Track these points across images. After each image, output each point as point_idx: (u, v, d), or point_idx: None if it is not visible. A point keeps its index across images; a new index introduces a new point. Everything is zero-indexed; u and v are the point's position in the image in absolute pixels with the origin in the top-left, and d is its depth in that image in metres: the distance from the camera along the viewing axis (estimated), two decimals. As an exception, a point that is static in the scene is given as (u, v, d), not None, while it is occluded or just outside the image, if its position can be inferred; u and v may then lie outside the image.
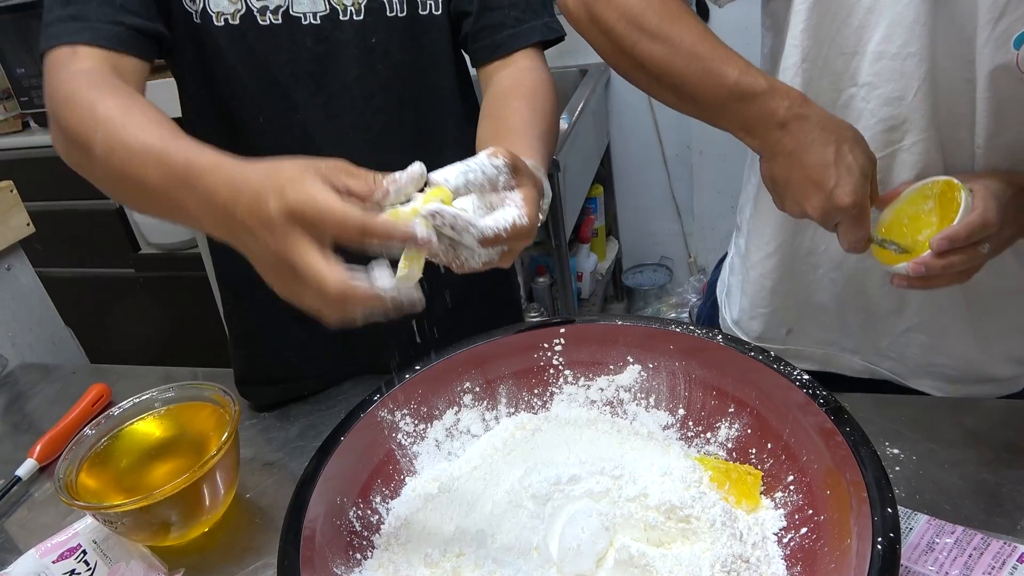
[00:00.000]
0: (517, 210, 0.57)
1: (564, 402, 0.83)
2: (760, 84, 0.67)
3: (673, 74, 0.70)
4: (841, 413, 0.64)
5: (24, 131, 2.65)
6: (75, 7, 0.77)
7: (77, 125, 0.69)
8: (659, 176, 2.62)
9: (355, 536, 0.70)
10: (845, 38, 0.70)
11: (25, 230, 1.32)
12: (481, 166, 0.57)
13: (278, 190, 0.52)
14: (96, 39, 0.76)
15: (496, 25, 0.89)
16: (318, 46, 0.86)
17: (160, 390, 0.87)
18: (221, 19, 0.83)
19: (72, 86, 0.72)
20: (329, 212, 0.51)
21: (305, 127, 0.89)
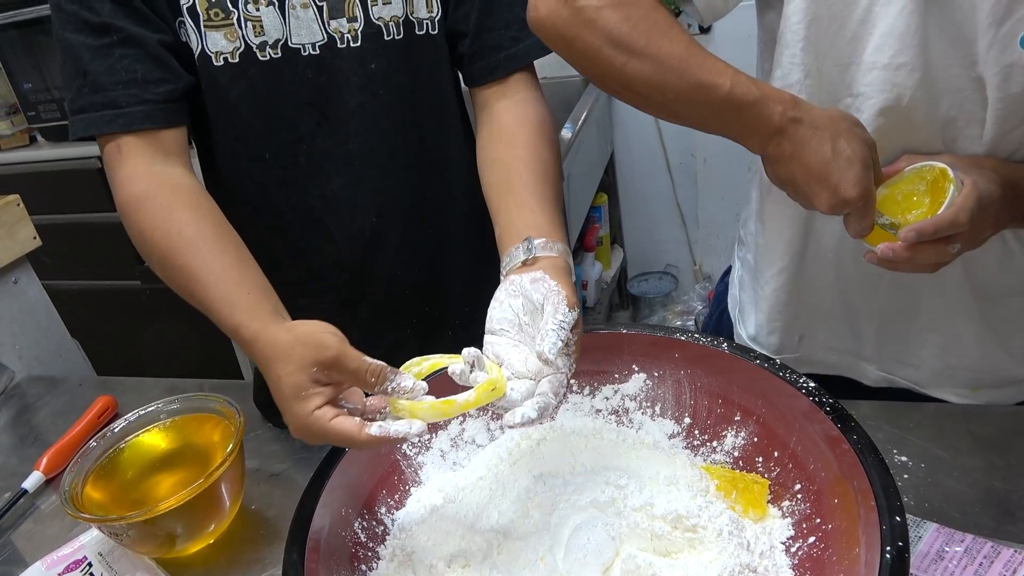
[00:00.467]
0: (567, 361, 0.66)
1: (569, 411, 0.83)
2: (752, 92, 0.67)
3: (665, 91, 0.70)
4: (848, 420, 0.63)
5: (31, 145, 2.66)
6: (103, 95, 0.79)
7: (136, 242, 0.80)
8: (663, 184, 2.62)
9: (360, 547, 0.69)
10: (839, 50, 0.71)
11: (32, 243, 1.33)
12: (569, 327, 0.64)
13: (285, 415, 0.64)
14: (130, 125, 0.80)
15: (493, 47, 0.89)
16: (319, 76, 0.86)
17: (165, 402, 0.87)
18: (220, 58, 0.83)
19: (123, 198, 0.80)
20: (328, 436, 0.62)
21: (312, 157, 0.89)
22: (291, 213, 0.92)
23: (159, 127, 0.81)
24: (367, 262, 0.95)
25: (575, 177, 2.03)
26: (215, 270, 0.74)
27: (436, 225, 0.99)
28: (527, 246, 0.71)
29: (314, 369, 0.62)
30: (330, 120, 0.88)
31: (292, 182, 0.90)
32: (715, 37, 2.28)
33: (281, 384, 0.63)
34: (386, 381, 0.62)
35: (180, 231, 0.76)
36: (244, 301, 0.71)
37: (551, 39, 0.76)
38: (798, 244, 0.87)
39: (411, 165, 0.94)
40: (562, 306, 0.64)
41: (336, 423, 0.61)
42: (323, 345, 0.62)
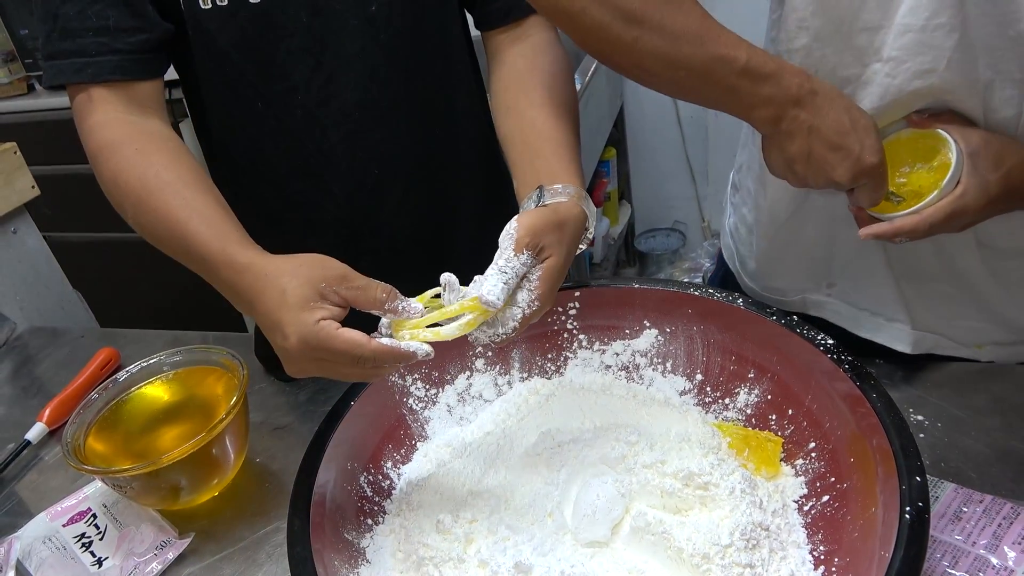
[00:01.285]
0: (528, 295, 0.63)
1: (578, 367, 0.81)
2: (770, 65, 0.66)
3: (678, 66, 0.68)
4: (868, 379, 0.62)
5: (29, 94, 2.62)
6: (73, 41, 0.76)
7: (107, 189, 0.76)
8: (674, 138, 2.57)
9: (366, 501, 0.69)
10: (870, 12, 0.68)
11: (30, 193, 1.30)
12: (515, 271, 0.62)
13: (286, 327, 0.60)
14: (99, 75, 0.76)
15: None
16: (314, 19, 0.81)
17: (168, 354, 0.86)
18: (208, 2, 0.78)
19: (94, 145, 0.76)
20: (335, 344, 0.58)
21: (307, 108, 0.85)
22: (287, 166, 0.88)
23: (131, 78, 0.78)
24: (368, 217, 0.92)
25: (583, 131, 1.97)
26: (198, 208, 0.70)
27: (441, 179, 0.95)
28: (538, 194, 0.69)
29: (322, 284, 0.60)
30: (326, 67, 0.83)
31: (287, 133, 0.86)
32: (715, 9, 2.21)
33: (286, 296, 0.60)
34: (397, 299, 0.61)
35: (157, 174, 0.73)
36: (235, 235, 0.69)
37: (552, 12, 0.71)
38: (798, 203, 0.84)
39: (414, 115, 0.89)
40: (508, 249, 0.62)
41: (344, 331, 0.58)
42: (329, 264, 0.61)
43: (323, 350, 0.59)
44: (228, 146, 0.89)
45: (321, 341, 0.58)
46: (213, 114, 0.87)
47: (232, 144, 0.88)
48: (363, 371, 0.61)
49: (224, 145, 0.89)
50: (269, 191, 0.90)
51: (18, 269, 1.30)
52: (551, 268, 0.64)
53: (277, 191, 0.90)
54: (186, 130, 2.01)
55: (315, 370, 0.61)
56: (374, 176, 0.89)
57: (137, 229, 0.76)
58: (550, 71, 0.83)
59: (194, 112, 0.91)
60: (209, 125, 0.89)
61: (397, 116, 0.88)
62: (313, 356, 0.60)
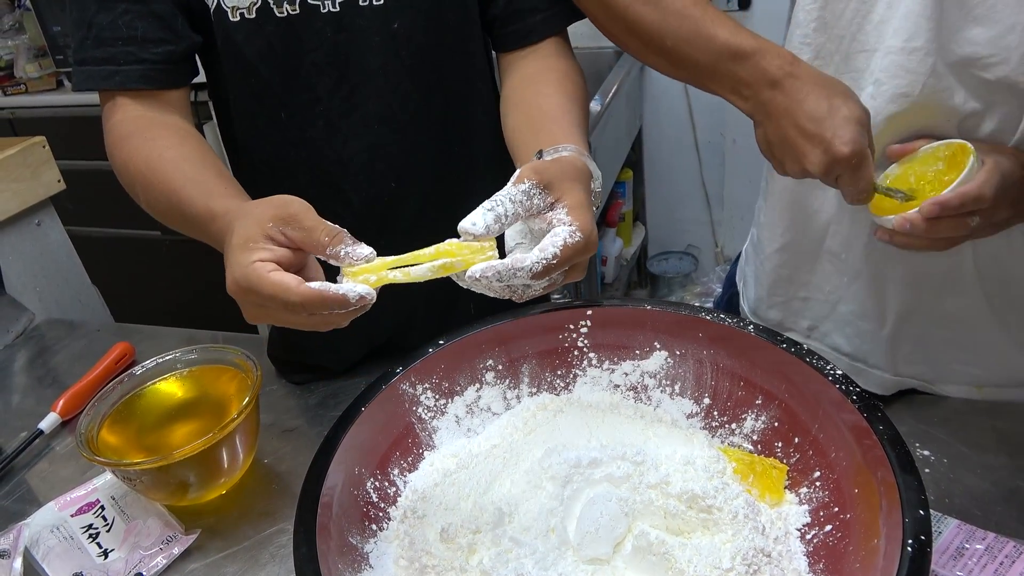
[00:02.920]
0: (567, 228, 0.56)
1: (587, 385, 0.82)
2: (750, 43, 0.67)
3: (665, 35, 0.70)
4: (875, 411, 0.62)
5: (59, 89, 2.67)
6: (104, 49, 0.79)
7: (120, 177, 0.80)
8: (690, 163, 2.58)
9: (371, 507, 0.69)
10: (867, 34, 0.69)
11: (56, 187, 1.33)
12: (507, 196, 0.56)
13: (228, 268, 0.58)
14: (125, 83, 0.80)
15: (528, 9, 0.86)
16: (338, 35, 0.83)
17: (183, 351, 0.87)
18: (236, 13, 0.80)
19: (111, 140, 0.80)
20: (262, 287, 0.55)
21: (329, 119, 0.87)
22: (307, 175, 0.90)
23: (155, 88, 0.81)
24: (385, 228, 0.93)
25: (601, 151, 2.00)
26: (193, 176, 0.72)
27: (457, 193, 0.95)
28: (537, 155, 0.68)
29: (270, 224, 0.57)
30: (349, 81, 0.85)
31: (309, 143, 0.88)
32: (754, 14, 2.23)
33: (233, 238, 0.58)
34: (341, 244, 0.57)
35: (161, 154, 0.75)
36: (220, 190, 0.70)
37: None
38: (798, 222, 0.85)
39: (433, 130, 0.91)
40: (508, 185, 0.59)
41: (274, 274, 0.55)
42: (285, 203, 0.58)
43: (254, 293, 0.56)
44: (251, 152, 0.91)
45: (251, 283, 0.55)
46: (238, 121, 0.89)
47: (255, 151, 0.90)
48: (301, 318, 0.57)
49: (247, 151, 0.91)
50: None
51: (40, 261, 1.32)
52: (578, 202, 0.59)
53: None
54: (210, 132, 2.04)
55: (261, 316, 0.58)
56: (392, 188, 0.91)
57: (147, 209, 0.78)
58: (562, 71, 0.84)
59: (220, 117, 0.93)
60: (234, 131, 0.91)
61: (416, 130, 0.89)
62: (250, 300, 0.57)
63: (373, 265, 0.57)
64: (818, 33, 0.72)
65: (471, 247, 0.56)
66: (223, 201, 0.67)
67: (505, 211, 0.56)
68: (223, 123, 0.93)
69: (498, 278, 0.55)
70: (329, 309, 0.55)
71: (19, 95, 2.67)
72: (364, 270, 0.57)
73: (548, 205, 0.59)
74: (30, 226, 1.31)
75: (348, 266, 0.57)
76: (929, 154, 0.70)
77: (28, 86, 2.68)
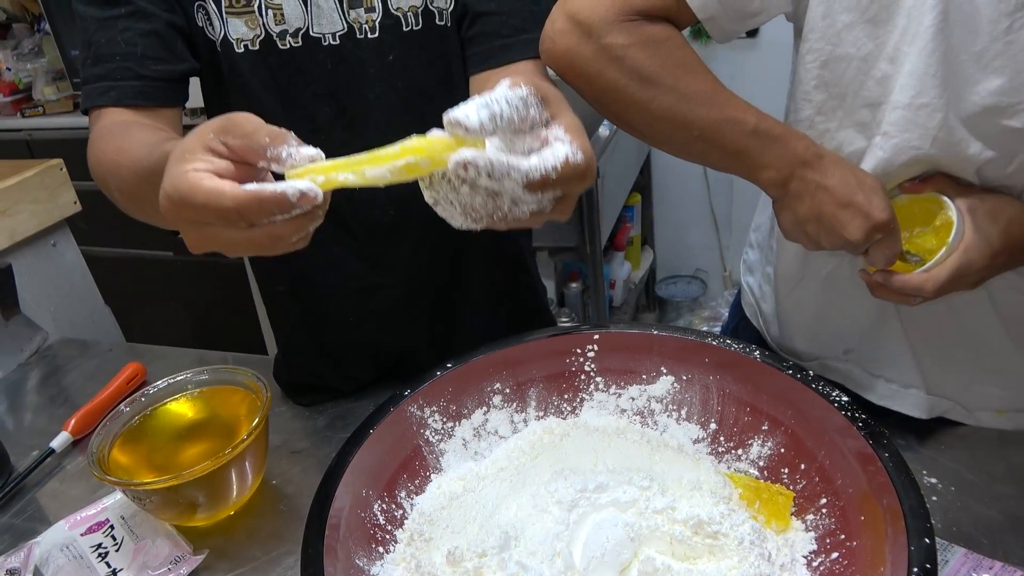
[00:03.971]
0: (566, 146, 0.50)
1: (594, 409, 0.82)
2: (777, 128, 0.70)
3: (691, 126, 0.71)
4: (880, 438, 0.62)
5: (75, 111, 2.71)
6: (102, 66, 0.79)
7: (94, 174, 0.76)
8: (699, 187, 2.60)
9: (378, 529, 0.70)
10: (870, 89, 0.70)
11: (72, 208, 1.35)
12: (503, 97, 0.49)
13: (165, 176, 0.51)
14: (120, 99, 0.79)
15: (489, 33, 0.85)
16: (338, 67, 0.85)
17: (194, 372, 0.88)
18: (241, 45, 0.82)
19: (91, 140, 0.77)
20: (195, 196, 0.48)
21: (329, 147, 0.85)
22: None
23: (151, 104, 0.80)
24: (385, 255, 0.95)
25: (610, 175, 2.01)
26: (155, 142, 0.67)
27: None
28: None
29: (210, 136, 0.51)
30: (349, 111, 0.87)
31: None
32: (761, 42, 2.25)
33: (173, 154, 0.52)
34: (284, 145, 0.50)
35: (132, 136, 0.73)
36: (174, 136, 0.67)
37: (569, 74, 0.74)
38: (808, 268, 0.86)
39: None
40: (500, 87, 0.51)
41: (207, 180, 0.48)
42: (230, 116, 0.52)
43: (187, 205, 0.49)
44: None
45: (182, 193, 0.49)
46: None
47: None
48: (243, 234, 0.50)
49: None
50: None
51: (54, 281, 1.34)
52: (575, 124, 0.53)
53: None
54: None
55: (201, 237, 0.51)
56: (391, 215, 0.93)
57: (117, 199, 0.74)
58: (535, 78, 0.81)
59: None
60: None
61: None
62: (184, 217, 0.50)
63: (321, 166, 0.50)
64: (819, 91, 0.73)
65: (443, 142, 0.48)
66: (172, 141, 0.61)
67: (500, 111, 0.48)
68: None
69: (488, 171, 0.47)
70: (269, 214, 0.48)
71: (36, 117, 2.72)
72: (310, 170, 0.50)
73: (544, 121, 0.52)
74: (46, 247, 1.33)
75: (291, 168, 0.50)
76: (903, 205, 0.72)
77: (46, 108, 2.73)
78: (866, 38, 0.68)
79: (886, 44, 0.67)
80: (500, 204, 0.50)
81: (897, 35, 0.66)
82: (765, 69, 2.25)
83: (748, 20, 0.74)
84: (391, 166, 0.49)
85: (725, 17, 0.73)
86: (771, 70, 2.21)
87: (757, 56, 2.28)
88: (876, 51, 0.68)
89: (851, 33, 0.68)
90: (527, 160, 0.48)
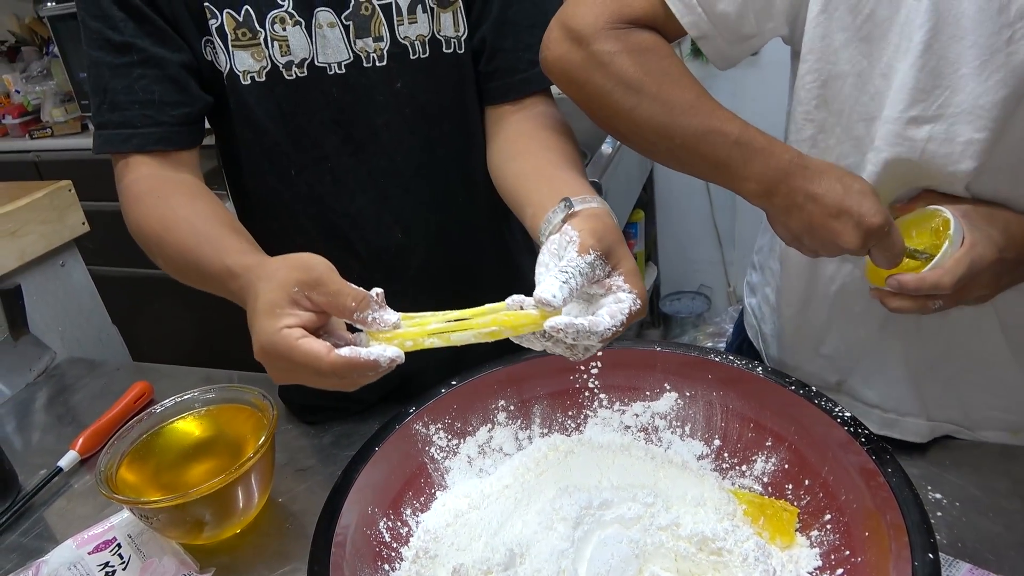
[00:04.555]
0: (629, 296, 0.59)
1: (598, 426, 0.82)
2: (760, 140, 0.69)
3: (673, 135, 0.71)
4: (884, 453, 0.62)
5: (83, 132, 2.74)
6: (120, 113, 0.81)
7: (135, 236, 0.81)
8: (702, 203, 2.60)
9: (384, 547, 0.70)
10: (864, 104, 0.71)
11: (80, 228, 1.36)
12: (578, 269, 0.58)
13: (254, 334, 0.58)
14: (143, 146, 0.82)
15: (508, 68, 0.88)
16: (345, 95, 0.86)
17: (201, 391, 0.89)
18: (247, 77, 0.83)
19: (125, 200, 0.82)
20: (293, 356, 0.56)
21: (336, 174, 0.89)
22: (316, 229, 0.92)
23: (172, 148, 0.83)
24: (391, 278, 0.95)
25: (613, 192, 2.02)
26: (207, 234, 0.73)
27: (463, 243, 0.99)
28: (564, 204, 0.67)
29: (295, 289, 0.57)
30: (355, 138, 0.88)
31: (318, 199, 0.91)
32: (762, 60, 2.27)
33: (258, 302, 0.58)
34: (367, 310, 0.57)
35: (174, 213, 0.77)
36: (236, 246, 0.71)
37: (562, 81, 0.76)
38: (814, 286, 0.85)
39: (436, 182, 0.93)
40: (571, 252, 0.59)
41: (303, 342, 0.55)
42: (308, 266, 0.58)
43: (284, 360, 0.56)
44: (262, 210, 0.94)
45: (280, 352, 0.56)
46: (249, 180, 0.92)
47: (266, 209, 0.93)
48: (332, 382, 0.57)
49: (259, 210, 0.94)
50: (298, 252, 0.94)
51: (62, 301, 1.35)
52: (633, 269, 0.62)
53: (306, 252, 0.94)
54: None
55: (289, 378, 0.59)
56: (398, 238, 0.94)
57: (162, 267, 0.79)
58: (555, 127, 0.86)
59: (231, 180, 0.96)
60: (244, 187, 0.94)
61: (420, 183, 0.92)
62: (278, 366, 0.58)
63: (408, 333, 0.58)
64: (819, 110, 0.73)
65: (528, 317, 0.57)
66: (240, 258, 0.67)
67: (576, 284, 0.57)
68: (233, 179, 0.96)
69: (574, 336, 0.56)
70: (362, 373, 0.56)
71: (45, 138, 2.75)
72: (398, 335, 0.57)
73: (607, 273, 0.61)
74: (54, 267, 1.34)
75: (376, 334, 0.57)
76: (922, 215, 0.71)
77: (54, 130, 2.76)
78: (860, 56, 0.69)
79: (879, 60, 0.68)
80: (576, 352, 0.59)
81: (890, 51, 0.67)
82: (766, 87, 2.27)
83: (744, 43, 0.75)
84: (477, 332, 0.57)
85: (719, 38, 0.73)
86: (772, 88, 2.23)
87: (757, 73, 2.30)
88: (870, 68, 0.69)
89: (847, 51, 0.69)
90: (603, 323, 0.57)
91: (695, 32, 0.73)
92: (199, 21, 0.81)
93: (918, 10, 0.64)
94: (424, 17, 0.85)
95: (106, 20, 0.80)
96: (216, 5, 0.81)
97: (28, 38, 3.02)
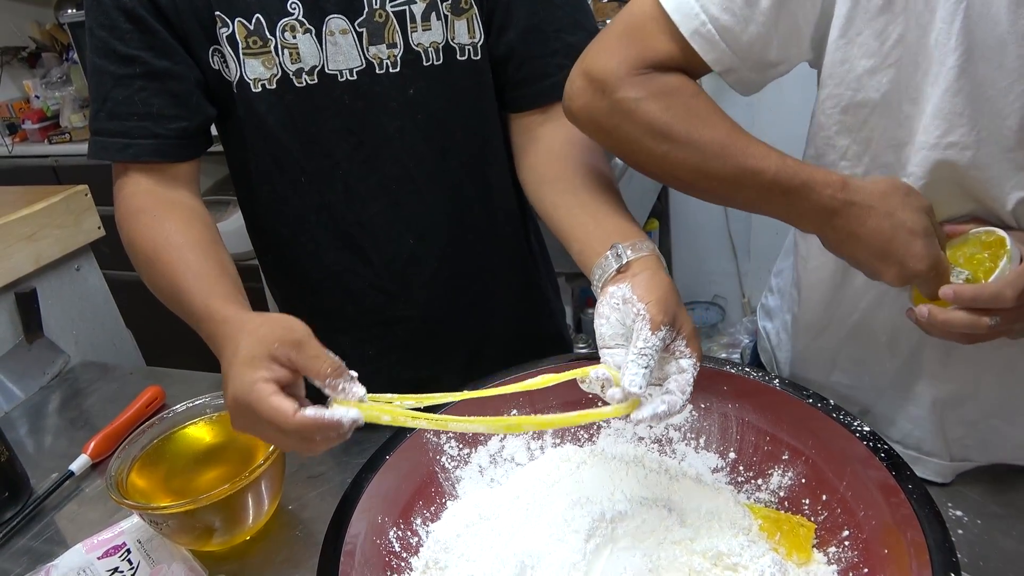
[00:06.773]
0: (689, 362, 0.65)
1: (611, 437, 0.81)
2: (799, 176, 0.66)
3: (710, 177, 0.69)
4: (904, 469, 0.61)
5: (101, 138, 2.75)
6: (118, 123, 0.82)
7: (127, 252, 0.82)
8: (716, 213, 2.59)
9: (394, 556, 0.69)
10: (892, 131, 0.69)
11: (96, 233, 1.37)
12: (653, 349, 0.62)
13: (228, 381, 0.60)
14: (139, 155, 0.83)
15: (539, 74, 0.87)
16: (356, 102, 0.85)
17: (212, 396, 0.89)
18: (258, 85, 0.83)
19: (120, 214, 0.83)
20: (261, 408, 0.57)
21: (347, 182, 0.89)
22: (328, 237, 0.92)
23: (168, 161, 0.84)
24: (404, 287, 0.95)
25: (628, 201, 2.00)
26: (195, 267, 0.75)
27: (474, 252, 0.98)
28: (616, 252, 0.70)
29: (275, 345, 0.59)
30: (367, 145, 0.88)
31: (329, 206, 0.90)
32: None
33: (238, 353, 0.60)
34: (340, 378, 0.59)
35: (168, 237, 0.78)
36: (221, 290, 0.72)
37: (590, 129, 0.75)
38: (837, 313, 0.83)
39: (450, 190, 0.93)
40: (644, 330, 0.62)
41: (274, 399, 0.57)
42: (290, 327, 0.61)
43: (252, 412, 0.58)
44: (272, 218, 0.94)
45: (250, 403, 0.58)
46: (259, 189, 0.92)
47: (276, 216, 0.93)
48: (292, 442, 0.59)
49: (268, 217, 0.94)
50: (309, 261, 0.94)
51: (78, 305, 1.36)
52: (693, 332, 0.66)
53: (316, 261, 0.94)
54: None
55: (249, 430, 0.61)
56: (411, 245, 0.93)
57: (146, 284, 0.80)
58: (586, 145, 0.85)
59: (240, 187, 0.96)
60: (255, 199, 0.94)
61: (433, 190, 0.92)
62: (243, 415, 0.60)
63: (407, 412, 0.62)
64: (841, 136, 0.71)
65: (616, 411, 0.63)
66: (223, 305, 0.69)
67: (652, 364, 0.62)
68: (241, 187, 0.96)
69: (658, 420, 0.62)
70: (323, 434, 0.58)
71: (63, 144, 2.78)
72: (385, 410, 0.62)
73: (672, 338, 0.65)
74: (70, 271, 1.35)
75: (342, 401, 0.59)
76: (976, 239, 0.69)
77: (72, 135, 2.79)
78: (888, 82, 0.66)
79: (908, 86, 0.66)
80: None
81: (919, 76, 0.65)
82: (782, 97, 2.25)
83: (769, 71, 0.72)
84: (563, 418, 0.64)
85: (744, 67, 0.71)
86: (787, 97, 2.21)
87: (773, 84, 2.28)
88: (897, 94, 0.67)
89: (873, 79, 0.67)
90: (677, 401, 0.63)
91: (720, 68, 0.71)
92: (208, 30, 0.82)
93: (950, 33, 0.62)
94: (438, 24, 0.85)
95: (113, 30, 0.80)
96: (227, 13, 0.81)
97: (48, 44, 3.05)
